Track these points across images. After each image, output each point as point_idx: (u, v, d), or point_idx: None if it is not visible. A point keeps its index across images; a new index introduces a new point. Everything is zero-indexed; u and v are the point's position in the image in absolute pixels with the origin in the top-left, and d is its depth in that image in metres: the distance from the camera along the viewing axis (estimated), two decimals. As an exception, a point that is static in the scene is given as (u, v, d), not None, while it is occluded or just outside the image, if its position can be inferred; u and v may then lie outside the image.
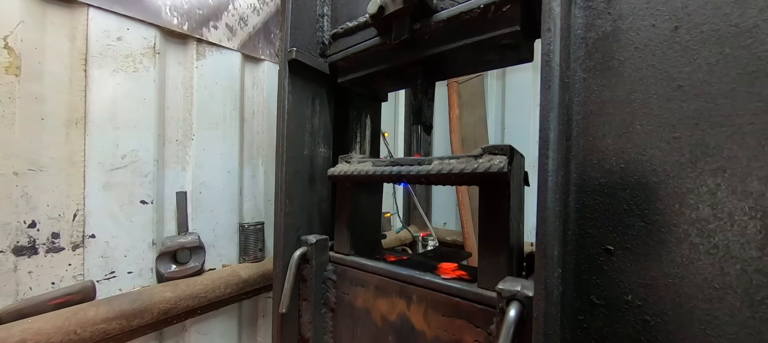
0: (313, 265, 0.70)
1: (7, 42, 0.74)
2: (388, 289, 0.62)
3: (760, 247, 0.32)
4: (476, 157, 0.50)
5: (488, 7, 0.51)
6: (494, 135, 1.97)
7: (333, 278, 0.71)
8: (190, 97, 1.05)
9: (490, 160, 0.48)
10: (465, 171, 0.49)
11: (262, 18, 1.23)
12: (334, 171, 0.69)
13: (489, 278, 0.50)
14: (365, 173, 0.62)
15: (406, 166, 0.57)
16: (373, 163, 0.63)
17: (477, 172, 0.48)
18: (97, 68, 0.85)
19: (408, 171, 0.56)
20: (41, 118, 0.78)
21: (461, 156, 0.52)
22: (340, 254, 0.71)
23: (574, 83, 0.42)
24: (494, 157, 0.49)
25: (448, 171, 0.51)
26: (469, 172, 0.48)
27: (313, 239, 0.69)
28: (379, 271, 0.63)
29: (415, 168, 0.55)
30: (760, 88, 0.32)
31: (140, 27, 0.93)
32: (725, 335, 0.33)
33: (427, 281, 0.57)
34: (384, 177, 0.60)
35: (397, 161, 0.59)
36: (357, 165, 0.66)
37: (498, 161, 0.47)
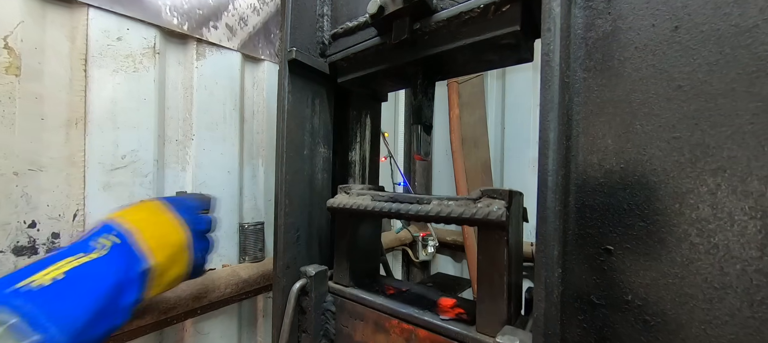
0: (313, 297, 0.70)
1: (7, 42, 0.74)
2: (387, 326, 0.62)
3: (760, 247, 0.32)
4: (474, 201, 0.50)
5: (488, 7, 0.51)
6: (494, 135, 1.97)
7: (332, 309, 0.71)
8: (190, 97, 1.05)
9: (488, 204, 0.48)
10: (463, 216, 0.49)
11: (262, 18, 1.23)
12: (333, 203, 0.69)
13: (487, 322, 0.51)
14: (364, 208, 0.63)
15: (405, 204, 0.57)
16: (372, 197, 0.63)
17: (475, 218, 0.48)
18: (97, 68, 0.85)
19: (407, 210, 0.56)
20: (41, 118, 0.78)
21: (460, 198, 0.52)
22: (340, 286, 0.72)
23: (574, 83, 0.42)
24: (493, 201, 0.49)
25: (446, 214, 0.51)
26: (467, 217, 0.49)
27: (312, 271, 0.70)
28: (378, 306, 0.64)
29: (415, 207, 0.55)
30: (760, 88, 0.32)
31: (140, 27, 0.93)
32: (725, 335, 0.33)
33: (426, 321, 0.57)
34: (383, 213, 0.60)
35: (397, 198, 0.59)
36: (356, 198, 0.66)
37: (496, 208, 0.47)
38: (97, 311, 0.47)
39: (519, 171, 1.91)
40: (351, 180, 0.88)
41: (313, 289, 0.70)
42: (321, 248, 0.81)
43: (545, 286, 0.39)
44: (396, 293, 0.68)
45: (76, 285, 0.46)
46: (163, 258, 0.58)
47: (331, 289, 0.73)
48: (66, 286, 0.45)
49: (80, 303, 0.45)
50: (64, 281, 0.45)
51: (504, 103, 1.98)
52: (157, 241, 0.59)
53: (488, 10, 0.51)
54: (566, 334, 0.42)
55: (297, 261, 0.74)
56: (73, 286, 0.46)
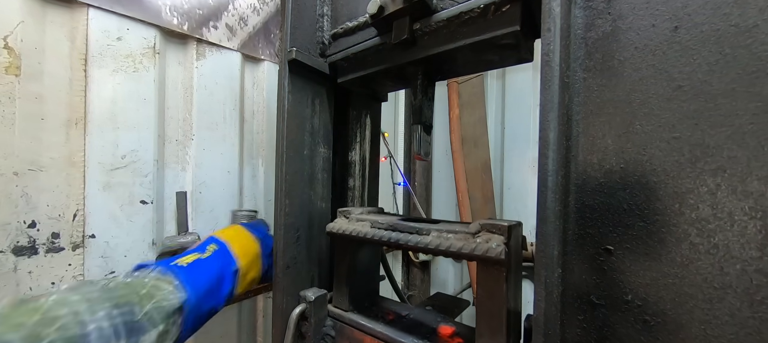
0: (312, 322, 0.70)
1: (7, 42, 0.74)
2: (386, 354, 0.62)
3: (760, 247, 0.32)
4: (473, 235, 0.50)
5: (488, 7, 0.51)
6: (494, 135, 1.97)
7: (332, 334, 0.71)
8: (190, 97, 1.05)
9: (487, 240, 0.48)
10: (462, 251, 0.49)
11: (262, 18, 1.23)
12: (333, 228, 0.69)
13: None
14: (363, 236, 0.63)
15: (405, 234, 0.57)
16: (371, 224, 0.63)
17: (474, 254, 0.48)
18: (97, 68, 0.85)
19: (406, 240, 0.56)
20: (41, 119, 0.78)
21: (459, 230, 0.52)
22: (339, 310, 0.72)
23: (574, 83, 0.42)
24: (492, 237, 0.48)
25: (445, 248, 0.51)
26: (466, 252, 0.49)
27: (312, 296, 0.70)
28: (377, 334, 0.64)
29: (414, 238, 0.55)
30: (760, 88, 0.32)
31: (140, 27, 0.93)
32: (725, 335, 0.33)
33: None
34: (381, 242, 0.60)
35: (396, 226, 0.59)
36: (355, 224, 0.66)
37: (495, 245, 0.47)
38: (209, 290, 0.68)
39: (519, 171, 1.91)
40: (351, 180, 0.88)
41: (312, 314, 0.70)
42: (321, 248, 0.81)
43: (545, 286, 0.39)
44: (395, 319, 0.68)
45: (200, 270, 0.69)
46: (246, 263, 0.79)
47: (330, 313, 0.73)
48: (194, 269, 0.68)
49: (203, 282, 0.67)
50: (193, 265, 0.69)
51: (504, 103, 1.98)
52: (241, 250, 0.79)
53: (488, 10, 0.51)
54: (566, 334, 0.42)
55: (297, 261, 0.74)
56: (198, 270, 0.68)
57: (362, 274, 0.74)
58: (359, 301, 0.73)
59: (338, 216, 0.72)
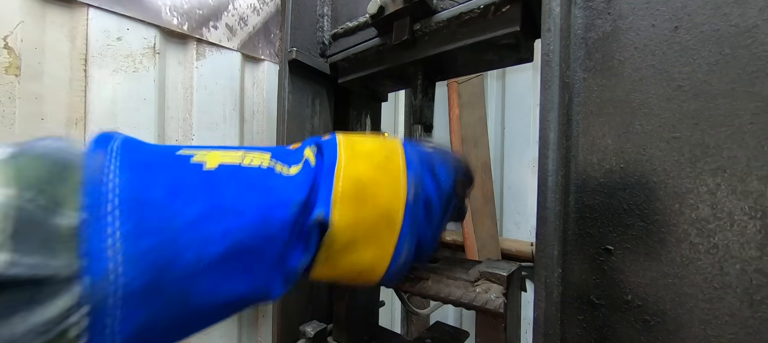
0: None
1: (7, 42, 0.74)
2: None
3: (760, 247, 0.32)
4: (473, 283, 0.50)
5: (488, 7, 0.51)
6: (494, 135, 1.97)
7: None
8: (190, 97, 1.05)
9: (486, 290, 0.48)
10: (461, 300, 0.49)
11: (262, 18, 1.23)
12: None
13: None
14: None
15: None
16: None
17: (473, 304, 0.48)
18: (97, 68, 0.85)
19: (403, 283, 0.56)
20: (41, 119, 0.78)
21: (458, 277, 0.51)
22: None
23: (574, 83, 0.42)
24: (491, 286, 0.48)
25: (444, 296, 0.51)
26: (465, 302, 0.48)
27: (311, 332, 0.69)
28: None
29: (412, 282, 0.55)
30: (760, 88, 0.32)
31: (140, 27, 0.93)
32: (725, 335, 0.33)
33: None
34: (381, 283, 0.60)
35: None
36: None
37: (494, 297, 0.47)
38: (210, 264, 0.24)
39: (519, 171, 1.91)
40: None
41: None
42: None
43: (545, 286, 0.39)
44: None
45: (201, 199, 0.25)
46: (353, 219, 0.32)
47: None
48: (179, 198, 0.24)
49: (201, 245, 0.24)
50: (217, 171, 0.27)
51: (504, 103, 1.98)
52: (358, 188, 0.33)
53: (488, 11, 0.51)
54: (566, 334, 0.42)
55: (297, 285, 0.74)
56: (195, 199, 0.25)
57: (361, 308, 0.74)
58: (358, 335, 0.72)
59: None
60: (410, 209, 0.36)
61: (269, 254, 0.27)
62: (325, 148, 0.35)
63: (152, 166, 0.23)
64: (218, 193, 0.25)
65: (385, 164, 0.36)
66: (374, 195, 0.34)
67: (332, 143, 0.36)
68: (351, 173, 0.33)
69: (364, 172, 0.34)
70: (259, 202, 0.27)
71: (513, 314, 0.50)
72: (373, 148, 0.37)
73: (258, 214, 0.27)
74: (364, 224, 0.33)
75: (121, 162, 0.22)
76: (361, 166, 0.34)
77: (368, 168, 0.34)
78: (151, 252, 0.20)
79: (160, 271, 0.21)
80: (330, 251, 0.32)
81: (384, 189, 0.34)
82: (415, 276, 0.55)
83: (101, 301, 0.18)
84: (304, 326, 0.71)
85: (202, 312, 0.24)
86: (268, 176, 0.29)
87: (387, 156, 0.37)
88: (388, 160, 0.37)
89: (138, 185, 0.21)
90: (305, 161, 0.33)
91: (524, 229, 1.89)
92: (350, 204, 0.32)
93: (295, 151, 0.36)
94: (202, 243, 0.23)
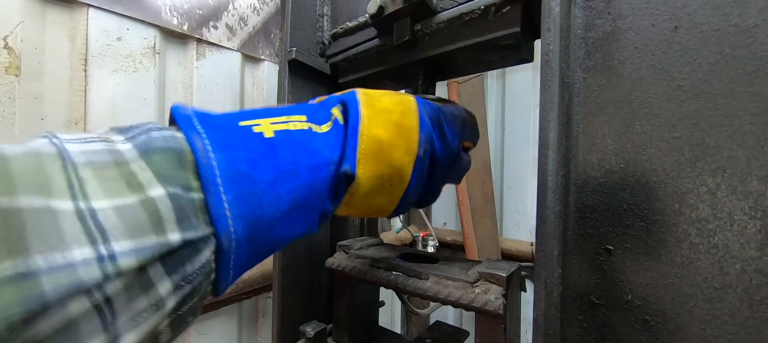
0: None
1: (7, 42, 0.74)
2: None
3: (760, 247, 0.32)
4: (472, 283, 0.50)
5: (488, 8, 0.51)
6: (494, 135, 1.97)
7: None
8: (190, 97, 1.05)
9: (486, 291, 0.48)
10: (461, 301, 0.49)
11: (262, 18, 1.23)
12: (332, 264, 0.69)
13: None
14: (362, 276, 0.62)
15: (403, 277, 0.57)
16: (371, 262, 0.63)
17: (472, 305, 0.48)
18: (96, 68, 0.85)
19: (404, 284, 0.56)
20: (41, 119, 0.79)
21: (458, 277, 0.51)
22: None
23: (573, 83, 0.42)
24: (490, 287, 0.48)
25: (444, 296, 0.51)
26: (465, 303, 0.48)
27: (311, 333, 0.69)
28: None
29: (412, 283, 0.55)
30: (760, 88, 0.32)
31: (140, 27, 0.93)
32: (725, 335, 0.33)
33: None
34: (381, 282, 0.60)
35: (396, 267, 0.58)
36: (355, 261, 0.66)
37: (493, 298, 0.47)
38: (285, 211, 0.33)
39: (519, 171, 1.91)
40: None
41: None
42: (320, 248, 0.81)
43: (545, 286, 0.39)
44: None
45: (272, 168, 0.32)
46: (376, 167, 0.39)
47: None
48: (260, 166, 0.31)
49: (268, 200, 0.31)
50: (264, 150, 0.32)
51: (504, 103, 1.98)
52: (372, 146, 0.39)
53: (488, 11, 0.51)
54: (566, 334, 0.42)
55: (296, 260, 0.74)
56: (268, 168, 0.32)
57: (361, 307, 0.74)
58: (358, 335, 0.73)
59: (338, 250, 0.72)
60: (418, 165, 0.42)
61: (316, 203, 0.36)
62: (350, 107, 0.40)
63: (232, 143, 0.30)
64: (280, 159, 0.32)
65: (401, 122, 0.41)
66: (390, 153, 0.40)
67: (354, 102, 0.41)
68: (371, 133, 0.39)
69: (382, 132, 0.40)
70: (308, 164, 0.34)
71: (513, 315, 0.50)
72: (391, 105, 0.42)
73: (309, 175, 0.34)
74: (381, 178, 0.40)
75: (211, 143, 0.28)
76: (380, 126, 0.40)
77: (386, 127, 0.40)
78: (247, 212, 0.28)
79: (254, 225, 0.29)
80: (352, 198, 0.40)
81: (399, 148, 0.41)
82: (416, 276, 0.55)
83: (226, 250, 0.27)
84: (304, 326, 0.71)
85: (277, 246, 0.34)
86: (310, 138, 0.36)
87: (402, 112, 0.42)
88: (403, 116, 0.42)
89: (229, 162, 0.28)
90: (334, 120, 0.39)
91: (524, 229, 1.89)
92: (371, 161, 0.39)
93: (322, 107, 0.41)
94: (276, 202, 0.31)
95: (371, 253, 0.65)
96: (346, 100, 0.41)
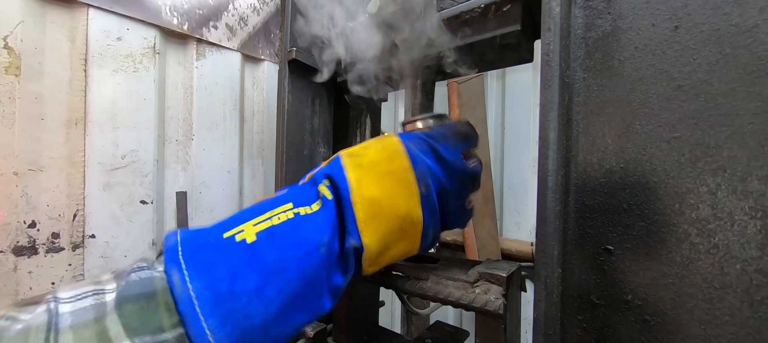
0: None
1: (7, 42, 0.74)
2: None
3: (760, 247, 0.32)
4: (472, 284, 0.50)
5: (488, 7, 0.51)
6: (494, 135, 1.97)
7: None
8: (190, 97, 1.05)
9: (486, 291, 0.48)
10: (461, 301, 0.49)
11: (262, 18, 1.23)
12: None
13: None
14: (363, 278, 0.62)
15: (403, 278, 0.57)
16: None
17: (473, 306, 0.48)
18: (97, 68, 0.85)
19: (403, 284, 0.56)
20: (41, 119, 0.78)
21: (458, 277, 0.51)
22: None
23: (574, 83, 0.42)
24: (490, 287, 0.48)
25: (444, 297, 0.51)
26: (465, 303, 0.48)
27: (311, 333, 0.69)
28: None
29: (412, 282, 0.55)
30: (760, 88, 0.32)
31: (140, 27, 0.93)
32: (725, 335, 0.33)
33: None
34: (381, 283, 0.60)
35: (395, 267, 0.58)
36: None
37: (493, 298, 0.47)
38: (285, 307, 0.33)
39: (519, 171, 1.91)
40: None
41: None
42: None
43: (545, 286, 0.39)
44: None
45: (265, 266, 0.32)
46: (382, 233, 0.38)
47: None
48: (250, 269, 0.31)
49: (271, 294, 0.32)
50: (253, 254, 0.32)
51: (504, 103, 1.98)
52: (376, 207, 0.38)
53: (488, 10, 0.51)
54: (566, 334, 0.42)
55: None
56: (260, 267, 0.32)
57: (361, 307, 0.74)
58: (358, 335, 0.72)
59: None
60: (425, 201, 0.41)
61: (314, 289, 0.35)
62: (336, 178, 0.39)
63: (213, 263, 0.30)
64: (263, 261, 0.32)
65: (391, 169, 0.40)
66: (392, 206, 0.39)
67: (339, 170, 0.39)
68: (365, 195, 0.38)
69: (376, 190, 0.38)
70: (295, 255, 0.34)
71: (513, 315, 0.50)
72: (376, 156, 0.41)
73: (297, 266, 0.33)
74: (391, 233, 0.39)
75: (190, 271, 0.29)
76: (372, 184, 0.38)
77: (378, 182, 0.39)
78: (234, 329, 0.29)
79: (244, 336, 0.29)
80: (370, 261, 0.39)
81: (398, 196, 0.39)
82: (416, 276, 0.55)
83: None
84: (304, 328, 0.71)
85: (280, 341, 0.33)
86: (297, 227, 0.35)
87: (390, 158, 0.41)
88: (392, 162, 0.40)
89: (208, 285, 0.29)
90: (322, 197, 0.38)
91: (524, 229, 1.89)
92: (374, 224, 0.38)
93: (309, 187, 0.41)
94: (265, 306, 0.31)
95: None
96: (330, 172, 0.40)
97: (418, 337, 0.75)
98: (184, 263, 0.29)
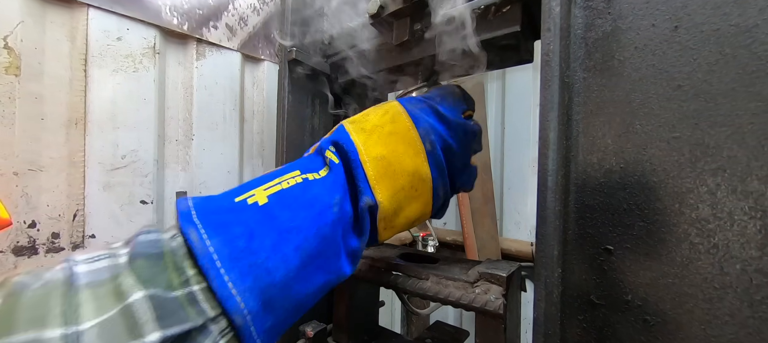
0: None
1: (7, 42, 0.74)
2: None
3: (760, 247, 0.32)
4: (472, 283, 0.50)
5: (488, 7, 0.51)
6: (494, 135, 1.97)
7: None
8: (190, 97, 1.05)
9: (486, 291, 0.48)
10: (461, 301, 0.49)
11: (262, 18, 1.23)
12: None
13: None
14: (362, 276, 0.62)
15: (403, 278, 0.57)
16: (371, 263, 0.63)
17: (473, 306, 0.48)
18: (97, 68, 0.85)
19: (404, 284, 0.56)
20: (41, 119, 0.78)
21: (458, 277, 0.51)
22: None
23: (574, 83, 0.42)
24: (490, 287, 0.48)
25: (444, 296, 0.51)
26: (465, 303, 0.48)
27: (311, 332, 0.69)
28: None
29: (412, 282, 0.55)
30: (760, 88, 0.32)
31: (140, 27, 0.93)
32: (725, 335, 0.33)
33: None
34: (381, 282, 0.60)
35: (396, 267, 0.58)
36: None
37: (493, 298, 0.47)
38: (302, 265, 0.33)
39: (519, 171, 1.91)
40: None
41: None
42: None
43: (545, 286, 0.39)
44: None
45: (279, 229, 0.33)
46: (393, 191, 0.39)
47: None
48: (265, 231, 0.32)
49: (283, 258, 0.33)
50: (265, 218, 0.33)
51: (504, 103, 1.98)
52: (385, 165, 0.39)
53: (488, 11, 0.51)
54: (566, 334, 0.42)
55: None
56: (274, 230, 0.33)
57: (361, 307, 0.74)
58: (359, 335, 0.72)
59: None
60: (432, 158, 0.42)
61: (331, 249, 0.35)
62: (342, 142, 0.40)
63: (228, 223, 0.31)
64: (277, 221, 0.33)
65: (395, 129, 0.41)
66: (400, 163, 0.40)
67: (345, 135, 0.41)
68: (373, 154, 0.39)
69: (382, 149, 0.40)
70: (308, 214, 0.34)
71: (513, 315, 0.50)
72: (379, 119, 0.42)
73: (311, 224, 0.34)
74: (402, 190, 0.40)
75: (207, 230, 0.29)
76: (378, 144, 0.40)
77: (383, 141, 0.40)
78: (255, 283, 0.29)
79: (266, 291, 0.30)
80: (385, 222, 0.40)
81: (405, 154, 0.40)
82: (416, 276, 0.55)
83: (242, 325, 0.28)
84: (304, 326, 0.70)
85: (303, 302, 0.34)
86: (306, 189, 0.36)
87: (392, 120, 0.42)
88: (395, 123, 0.42)
89: (226, 242, 0.29)
90: (330, 162, 0.39)
91: (524, 229, 1.89)
92: (385, 181, 0.39)
93: (315, 156, 0.42)
94: (283, 262, 0.31)
95: (371, 253, 0.65)
96: (336, 138, 0.41)
97: (418, 337, 0.75)
98: (201, 223, 0.30)
